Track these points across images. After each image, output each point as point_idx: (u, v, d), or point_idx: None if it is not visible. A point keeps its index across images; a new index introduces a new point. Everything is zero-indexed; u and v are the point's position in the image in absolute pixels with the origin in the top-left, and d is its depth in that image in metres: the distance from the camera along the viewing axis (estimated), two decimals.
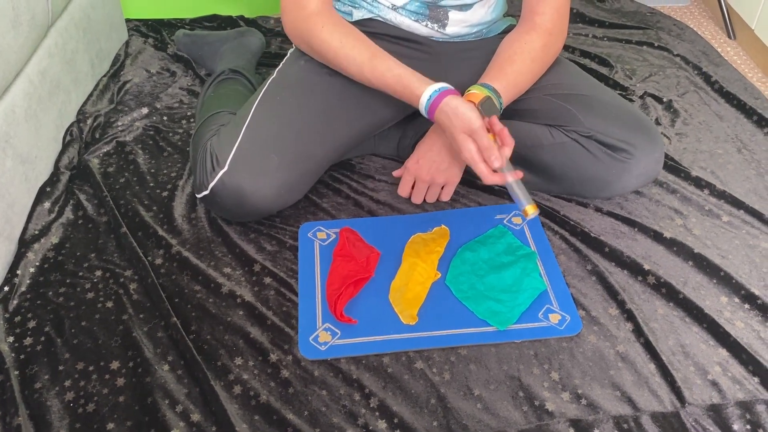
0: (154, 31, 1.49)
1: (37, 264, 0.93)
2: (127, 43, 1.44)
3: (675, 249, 0.95)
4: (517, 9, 1.03)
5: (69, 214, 1.01)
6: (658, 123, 1.22)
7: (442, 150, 0.96)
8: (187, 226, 0.99)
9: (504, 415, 0.75)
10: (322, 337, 0.83)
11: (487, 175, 0.84)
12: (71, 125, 1.15)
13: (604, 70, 1.36)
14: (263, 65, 1.33)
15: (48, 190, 1.03)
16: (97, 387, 0.77)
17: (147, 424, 0.74)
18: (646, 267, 0.92)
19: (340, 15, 1.03)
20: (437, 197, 1.02)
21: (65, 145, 1.11)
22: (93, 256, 0.94)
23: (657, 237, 0.97)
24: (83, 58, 1.22)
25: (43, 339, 0.83)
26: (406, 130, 1.10)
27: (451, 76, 1.03)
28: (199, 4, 1.55)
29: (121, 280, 0.91)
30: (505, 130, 0.86)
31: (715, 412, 0.75)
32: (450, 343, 0.82)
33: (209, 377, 0.77)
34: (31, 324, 0.85)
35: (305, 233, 0.97)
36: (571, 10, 1.56)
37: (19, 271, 0.91)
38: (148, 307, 0.87)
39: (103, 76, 1.30)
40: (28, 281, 0.90)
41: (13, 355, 0.81)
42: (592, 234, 0.97)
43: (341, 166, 1.10)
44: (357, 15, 1.01)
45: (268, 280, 0.91)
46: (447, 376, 0.79)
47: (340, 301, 0.86)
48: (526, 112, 1.00)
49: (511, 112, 1.00)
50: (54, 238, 0.97)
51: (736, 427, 0.73)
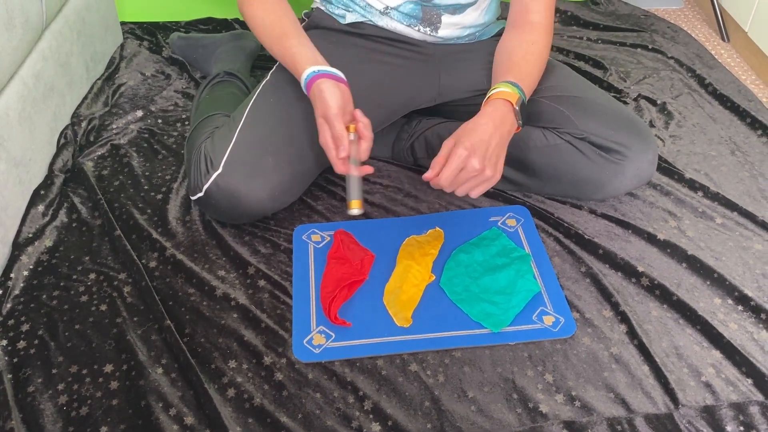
0: (149, 34, 1.49)
1: (31, 267, 0.93)
2: (122, 46, 1.44)
3: (669, 251, 0.96)
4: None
5: (63, 217, 1.01)
6: (652, 125, 1.22)
7: (501, 141, 0.85)
8: (181, 229, 0.99)
9: (498, 417, 0.75)
10: (316, 339, 0.83)
11: (336, 162, 0.84)
12: (66, 128, 1.15)
13: (599, 73, 1.37)
14: (258, 68, 1.34)
15: (42, 193, 1.02)
16: (91, 390, 0.77)
17: (140, 428, 0.74)
18: (640, 269, 0.92)
19: (331, 17, 1.03)
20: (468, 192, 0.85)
21: (59, 148, 1.11)
22: (87, 259, 0.94)
23: (651, 239, 0.97)
24: (78, 61, 1.22)
25: (36, 342, 0.83)
26: (401, 132, 1.10)
27: (445, 77, 1.04)
28: (194, 7, 1.56)
29: (115, 283, 0.91)
30: (362, 124, 0.85)
31: (709, 414, 0.75)
32: (444, 345, 0.82)
33: (203, 380, 0.77)
34: (25, 327, 0.84)
35: (300, 236, 0.97)
36: (565, 12, 1.58)
37: (12, 275, 0.91)
38: (142, 310, 0.87)
39: (98, 79, 1.30)
40: (22, 284, 0.90)
41: (6, 358, 0.81)
42: (586, 236, 0.97)
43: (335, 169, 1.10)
44: (350, 18, 1.01)
45: (262, 283, 0.91)
46: (441, 378, 0.79)
47: (334, 304, 0.85)
48: None
49: None
50: (48, 241, 0.97)
51: (729, 428, 0.74)
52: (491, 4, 1.02)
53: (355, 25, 1.02)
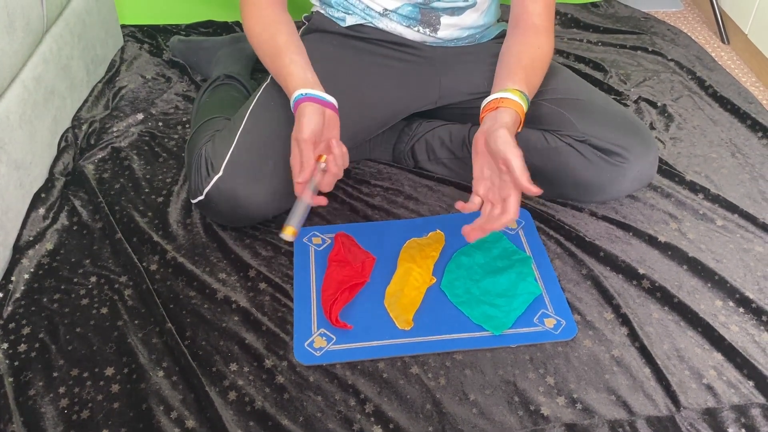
0: (149, 37, 1.49)
1: (32, 270, 0.93)
2: (122, 49, 1.43)
3: (669, 253, 0.96)
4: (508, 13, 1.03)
5: (64, 220, 1.01)
6: (652, 127, 1.22)
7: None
8: (182, 232, 0.99)
9: (499, 420, 0.75)
10: (317, 342, 0.82)
11: (294, 183, 0.83)
12: (66, 131, 1.15)
13: (599, 75, 1.37)
14: (258, 71, 1.33)
15: (43, 196, 1.02)
16: (92, 393, 0.77)
17: (142, 431, 0.74)
18: (641, 271, 0.92)
19: (331, 20, 1.03)
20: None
21: (60, 151, 1.11)
22: (88, 262, 0.94)
23: (652, 241, 0.97)
24: (78, 64, 1.22)
25: (37, 345, 0.82)
26: (401, 135, 1.10)
27: (446, 80, 1.04)
28: (194, 10, 1.56)
29: (116, 286, 0.90)
30: (333, 156, 0.84)
31: (711, 416, 0.75)
32: (445, 348, 0.82)
33: (204, 383, 0.77)
34: (26, 330, 0.84)
35: (300, 238, 0.97)
36: (565, 15, 1.58)
37: (13, 278, 0.91)
38: (142, 313, 0.87)
39: (99, 82, 1.30)
40: (23, 287, 0.90)
41: (7, 361, 0.81)
42: (587, 238, 0.97)
43: None
44: (350, 21, 1.01)
45: (263, 286, 0.91)
46: (442, 381, 0.79)
47: (335, 306, 0.85)
48: None
49: None
50: (49, 245, 0.97)
51: (731, 430, 0.73)
52: (490, 7, 1.02)
53: (355, 28, 1.02)
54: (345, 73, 0.99)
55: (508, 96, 0.85)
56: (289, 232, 0.81)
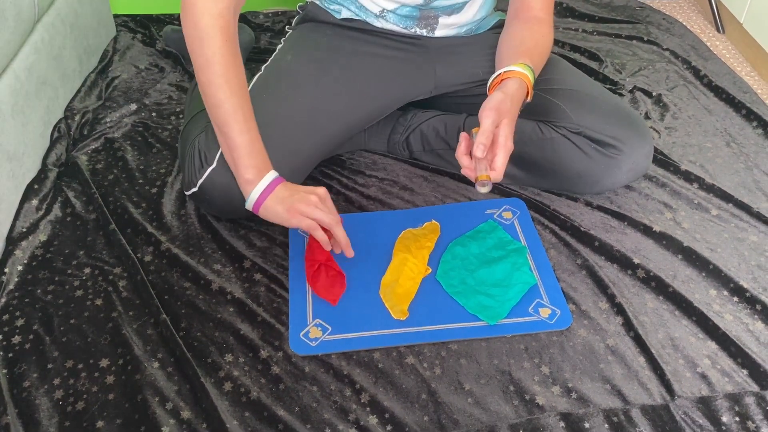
0: (142, 26, 1.48)
1: (25, 262, 0.92)
2: (115, 39, 1.42)
3: (664, 243, 0.96)
4: (505, 4, 1.03)
5: (57, 211, 1.00)
6: (647, 117, 1.22)
7: (516, 118, 0.85)
8: (176, 223, 0.99)
9: (495, 410, 0.75)
10: (312, 332, 0.82)
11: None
12: (59, 122, 1.14)
13: (594, 65, 1.36)
14: (252, 61, 1.32)
15: (36, 187, 1.02)
16: (87, 385, 0.77)
17: (137, 422, 0.74)
18: (636, 261, 0.92)
19: (326, 11, 1.02)
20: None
21: (53, 142, 1.10)
22: (82, 253, 0.94)
23: (647, 231, 0.97)
24: (71, 54, 1.21)
25: (31, 337, 0.82)
26: (396, 125, 1.10)
27: (442, 70, 1.03)
28: None
29: (110, 277, 0.90)
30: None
31: (705, 405, 0.75)
32: (441, 338, 0.82)
33: (199, 374, 0.77)
34: (20, 322, 0.84)
35: (295, 229, 0.97)
36: (560, 4, 1.57)
37: (6, 269, 0.90)
38: (137, 304, 0.86)
39: (91, 72, 1.29)
40: (16, 279, 0.90)
41: (1, 353, 0.80)
42: (582, 228, 0.97)
43: (331, 162, 1.10)
44: (346, 13, 1.01)
45: (258, 277, 0.90)
46: (438, 370, 0.79)
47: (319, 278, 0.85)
48: None
49: None
50: (42, 236, 0.96)
51: (725, 419, 0.74)
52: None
53: (350, 20, 1.01)
54: (340, 63, 0.99)
55: (513, 68, 0.86)
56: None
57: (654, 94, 1.28)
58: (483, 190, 0.80)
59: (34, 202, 1.00)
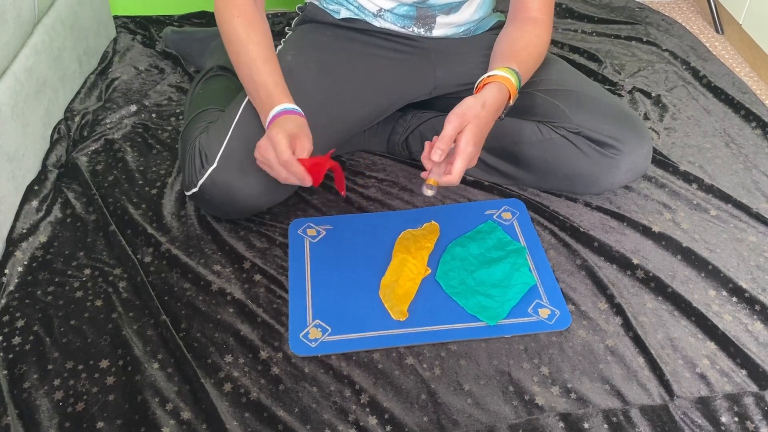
0: (142, 28, 1.48)
1: (26, 263, 0.92)
2: (115, 40, 1.42)
3: (663, 243, 0.96)
4: (505, 5, 1.03)
5: (57, 212, 1.01)
6: (646, 118, 1.22)
7: (490, 121, 0.86)
8: (176, 224, 0.99)
9: (494, 410, 0.75)
10: (312, 333, 0.82)
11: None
12: (59, 123, 1.14)
13: (593, 66, 1.37)
14: None
15: (36, 188, 1.02)
16: (87, 386, 0.77)
17: (137, 423, 0.74)
18: (635, 261, 0.92)
19: (325, 11, 1.02)
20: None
21: (53, 143, 1.10)
22: (82, 254, 0.94)
23: (646, 231, 0.97)
24: (70, 56, 1.21)
25: (31, 338, 0.82)
26: (396, 126, 1.10)
27: (441, 71, 1.03)
28: (187, 1, 1.54)
29: (110, 278, 0.90)
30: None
31: (704, 405, 0.75)
32: (440, 338, 0.82)
33: (199, 375, 0.77)
34: (20, 323, 0.84)
35: (295, 230, 0.97)
36: (560, 5, 1.57)
37: (7, 270, 0.90)
38: (137, 305, 0.86)
39: (91, 74, 1.29)
40: (17, 280, 0.90)
41: (1, 354, 0.80)
42: (581, 229, 0.97)
43: None
44: (344, 13, 1.01)
45: (258, 278, 0.90)
46: (437, 371, 0.79)
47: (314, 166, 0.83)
48: (514, 108, 0.99)
49: None
50: (42, 237, 0.96)
51: (724, 419, 0.74)
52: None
53: (349, 20, 1.01)
54: (340, 63, 0.99)
55: (496, 72, 0.87)
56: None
57: (653, 94, 1.28)
58: (427, 192, 0.81)
59: (34, 204, 1.00)
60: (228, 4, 0.89)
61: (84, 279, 0.90)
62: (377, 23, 1.00)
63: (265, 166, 0.83)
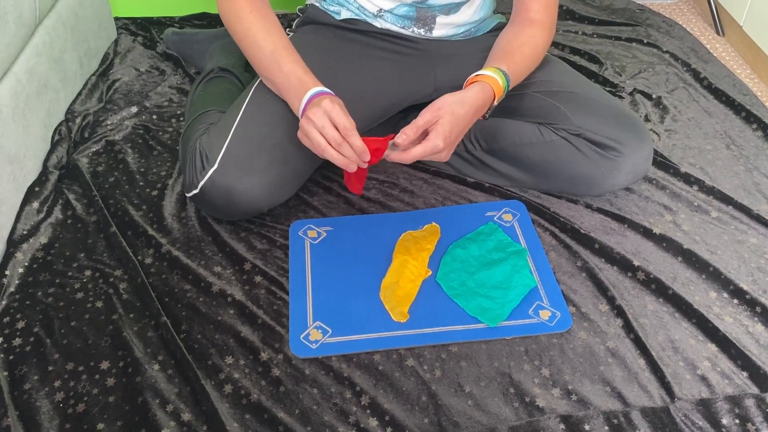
0: (143, 29, 1.48)
1: (26, 264, 0.92)
2: (116, 42, 1.42)
3: (664, 245, 0.96)
4: (506, 6, 1.03)
5: (58, 213, 1.00)
6: (647, 119, 1.22)
7: (468, 119, 0.86)
8: (177, 225, 0.99)
9: (495, 412, 0.75)
10: (312, 335, 0.82)
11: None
12: (60, 124, 1.14)
13: (594, 67, 1.36)
14: None
15: (36, 189, 1.02)
16: (87, 387, 0.77)
17: (137, 424, 0.73)
18: (636, 263, 0.92)
19: (326, 13, 1.03)
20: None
21: (54, 145, 1.10)
22: (82, 255, 0.94)
23: (647, 233, 0.97)
24: (71, 57, 1.21)
25: (32, 339, 0.82)
26: (396, 128, 1.10)
27: (441, 73, 1.03)
28: (188, 2, 1.54)
29: (111, 279, 0.90)
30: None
31: (705, 407, 0.75)
32: (441, 340, 0.82)
33: (200, 376, 0.77)
34: (20, 324, 0.84)
35: (296, 232, 0.97)
36: (560, 7, 1.57)
37: (7, 272, 0.90)
38: (138, 306, 0.86)
39: (92, 75, 1.29)
40: (17, 281, 0.90)
41: (1, 355, 0.80)
42: (582, 230, 0.97)
43: (331, 164, 1.09)
44: (345, 14, 1.01)
45: (258, 279, 0.90)
46: (438, 373, 0.79)
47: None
48: (515, 109, 1.00)
49: (500, 110, 1.00)
50: (43, 238, 0.96)
51: (725, 421, 0.74)
52: (485, 0, 1.02)
53: (350, 21, 1.01)
54: (340, 65, 0.98)
55: (483, 72, 0.88)
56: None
57: (654, 96, 1.28)
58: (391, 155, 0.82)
59: (35, 205, 1.00)
60: (237, 1, 0.90)
61: (85, 280, 0.90)
62: (378, 24, 1.00)
63: (315, 141, 0.81)
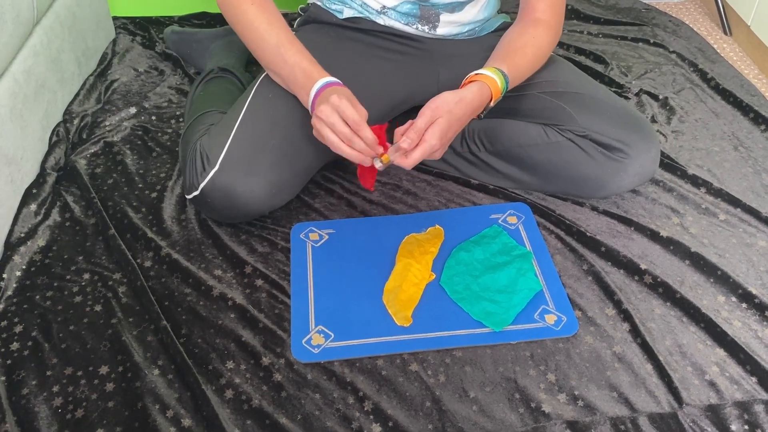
0: (141, 29, 1.47)
1: (24, 267, 0.92)
2: (114, 42, 1.42)
3: (672, 248, 0.95)
4: (511, 6, 1.02)
5: (56, 216, 1.00)
6: (654, 120, 1.22)
7: (464, 119, 0.87)
8: (176, 228, 0.98)
9: (500, 418, 0.75)
10: (315, 339, 0.82)
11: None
12: (58, 125, 1.13)
13: (600, 68, 1.36)
14: (253, 63, 1.31)
15: (34, 191, 1.01)
16: (86, 392, 0.76)
17: (137, 430, 0.73)
18: (643, 266, 0.91)
19: (328, 11, 1.02)
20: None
21: (52, 146, 1.09)
22: (81, 258, 0.93)
23: (653, 236, 0.97)
24: (69, 57, 1.20)
25: (30, 344, 0.82)
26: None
27: (445, 73, 1.03)
28: (187, 1, 1.54)
29: (110, 283, 0.89)
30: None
31: (713, 413, 0.74)
32: (445, 344, 0.82)
33: (200, 381, 0.76)
34: (18, 329, 0.83)
35: (297, 234, 0.96)
36: (565, 6, 1.56)
37: (5, 275, 0.90)
38: (137, 310, 0.86)
39: (90, 75, 1.29)
40: (15, 285, 0.89)
41: None
42: (588, 233, 0.96)
43: (334, 166, 1.09)
44: (347, 13, 1.01)
45: (259, 282, 0.90)
46: (442, 378, 0.78)
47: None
48: (520, 110, 1.00)
49: (505, 111, 0.99)
50: (41, 241, 0.96)
51: (734, 427, 0.73)
52: (490, 0, 1.01)
53: (352, 20, 1.01)
54: (343, 65, 0.98)
55: (481, 71, 0.88)
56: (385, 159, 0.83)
57: (660, 97, 1.27)
58: (377, 164, 0.83)
59: (33, 207, 0.99)
60: None
61: (83, 284, 0.90)
62: (381, 21, 0.99)
63: (327, 139, 0.81)
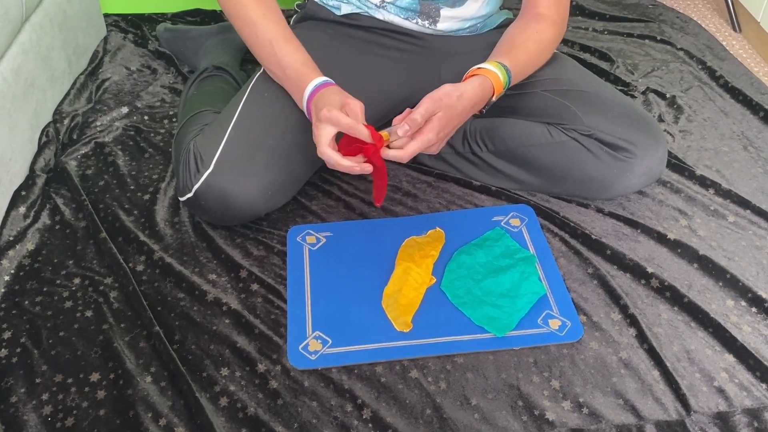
0: (133, 26, 1.47)
1: (12, 272, 0.91)
2: (105, 39, 1.42)
3: (679, 251, 0.94)
4: (513, 2, 1.01)
5: (45, 219, 0.99)
6: (661, 119, 1.22)
7: (464, 114, 0.87)
8: (169, 231, 0.97)
9: (503, 426, 0.74)
10: (312, 345, 0.81)
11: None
12: (47, 126, 1.13)
13: (605, 65, 1.36)
14: (248, 61, 1.31)
15: (23, 194, 1.01)
16: (77, 400, 0.76)
17: None
18: (650, 270, 0.91)
19: (325, 8, 1.00)
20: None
21: (41, 147, 1.09)
22: (71, 263, 0.93)
23: (661, 238, 0.96)
24: (59, 55, 1.19)
25: (19, 350, 0.81)
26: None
27: (446, 71, 1.02)
28: None
29: (101, 287, 0.89)
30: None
31: (722, 420, 0.74)
32: (446, 350, 0.81)
33: (194, 389, 0.76)
34: (7, 335, 0.83)
35: (294, 237, 0.96)
36: (570, 2, 1.55)
37: None
38: (129, 316, 0.86)
39: (81, 74, 1.28)
40: (3, 290, 0.89)
41: None
42: (593, 236, 0.96)
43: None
44: (345, 9, 1.00)
45: (255, 287, 0.89)
46: (443, 385, 0.78)
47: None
48: (523, 109, 0.99)
49: (508, 110, 0.99)
50: (30, 245, 0.95)
51: None
52: None
53: (350, 17, 1.00)
54: (341, 63, 0.97)
55: (484, 66, 0.88)
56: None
57: (668, 95, 1.27)
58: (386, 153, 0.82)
59: (22, 210, 0.99)
60: None
61: (73, 288, 0.89)
62: (380, 15, 0.99)
63: (327, 161, 0.83)
